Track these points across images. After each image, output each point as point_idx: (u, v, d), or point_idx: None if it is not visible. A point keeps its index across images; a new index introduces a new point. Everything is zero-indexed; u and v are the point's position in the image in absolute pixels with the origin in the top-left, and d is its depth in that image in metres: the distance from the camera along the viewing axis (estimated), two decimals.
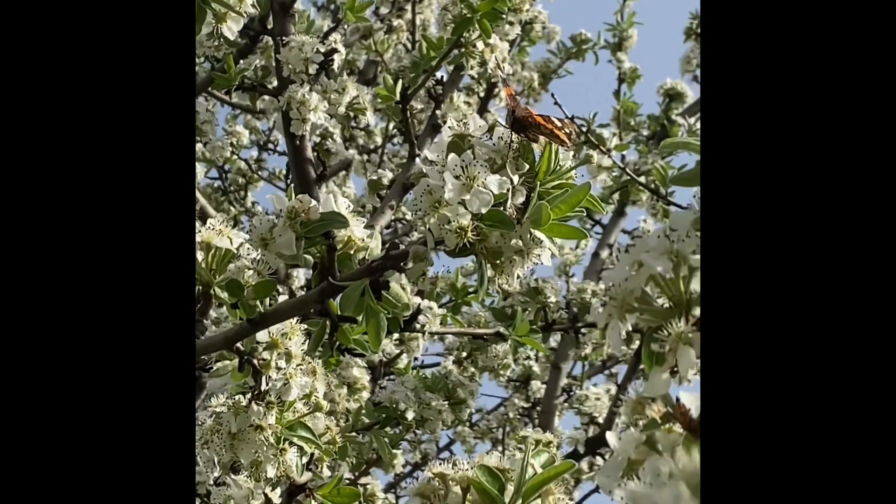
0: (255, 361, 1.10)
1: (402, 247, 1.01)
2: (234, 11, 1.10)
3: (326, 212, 1.01)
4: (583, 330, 2.53)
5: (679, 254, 0.73)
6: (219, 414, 1.17)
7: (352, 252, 1.03)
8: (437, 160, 0.96)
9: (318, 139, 2.77)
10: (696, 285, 0.74)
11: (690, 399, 0.72)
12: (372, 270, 1.01)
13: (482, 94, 2.52)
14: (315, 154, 2.43)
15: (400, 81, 2.31)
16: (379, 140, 3.22)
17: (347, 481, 1.53)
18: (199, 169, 2.83)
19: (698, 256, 0.73)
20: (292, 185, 1.93)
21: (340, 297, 1.01)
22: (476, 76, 2.30)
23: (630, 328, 0.77)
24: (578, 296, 2.51)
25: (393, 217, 2.26)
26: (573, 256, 3.08)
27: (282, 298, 1.49)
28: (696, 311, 0.73)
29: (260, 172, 3.56)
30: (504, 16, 2.18)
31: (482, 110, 2.38)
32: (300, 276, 2.40)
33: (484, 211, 0.93)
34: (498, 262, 0.96)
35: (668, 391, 0.72)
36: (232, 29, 1.13)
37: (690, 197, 0.78)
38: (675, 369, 0.73)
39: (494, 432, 3.05)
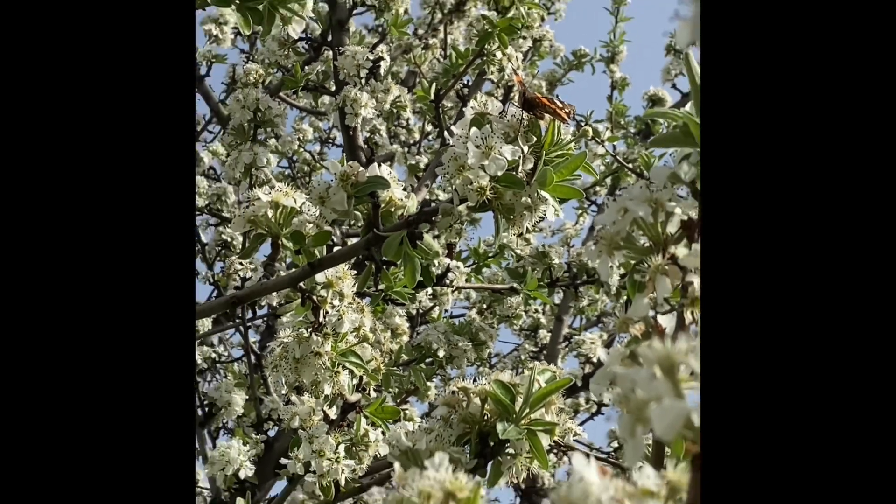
0: (315, 298, 1.10)
1: (433, 204, 1.01)
2: (297, 16, 1.09)
3: (372, 176, 1.01)
4: (581, 287, 2.55)
5: (657, 201, 0.73)
6: (286, 344, 1.17)
7: (392, 209, 1.03)
8: (462, 133, 0.96)
9: (367, 134, 2.77)
10: (671, 227, 0.73)
11: (666, 319, 0.72)
12: (409, 223, 1.01)
13: (500, 98, 2.51)
14: (366, 144, 2.44)
15: (433, 85, 2.31)
16: (417, 136, 3.21)
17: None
18: (273, 159, 2.83)
19: (674, 203, 0.72)
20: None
21: (383, 244, 1.01)
22: (495, 81, 2.30)
23: (617, 265, 0.77)
24: (577, 260, 2.51)
25: (427, 195, 2.27)
26: (573, 230, 3.07)
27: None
28: (672, 249, 0.73)
29: (322, 162, 3.56)
30: (518, 31, 2.18)
31: (502, 112, 2.38)
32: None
33: (500, 174, 0.93)
34: (511, 216, 0.96)
35: (647, 313, 0.72)
36: (296, 30, 1.12)
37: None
38: (654, 295, 0.73)
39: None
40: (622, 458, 0.46)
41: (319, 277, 1.09)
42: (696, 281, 0.71)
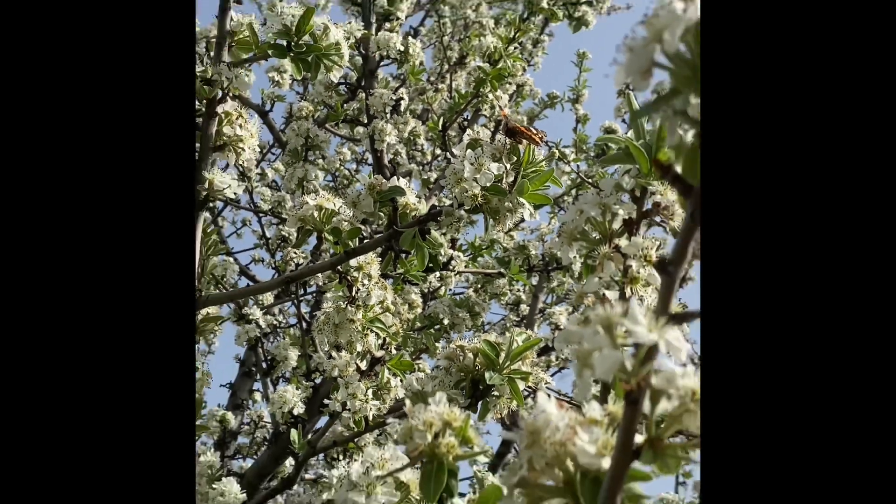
0: (349, 278, 1.10)
1: (438, 208, 1.01)
2: (337, 65, 1.08)
3: (392, 186, 1.01)
4: (552, 272, 2.54)
5: (605, 205, 0.73)
6: (328, 313, 1.17)
7: (408, 211, 1.03)
8: (460, 154, 0.96)
9: (391, 156, 2.77)
10: (616, 224, 0.73)
11: (611, 293, 0.72)
12: (420, 222, 1.01)
13: (491, 128, 2.52)
14: (390, 164, 2.44)
15: (441, 119, 2.31)
16: (429, 158, 3.21)
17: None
18: (320, 174, 2.82)
19: (618, 206, 0.72)
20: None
21: (401, 238, 1.01)
22: (488, 115, 2.30)
23: (576, 253, 0.77)
24: (549, 251, 2.50)
25: (436, 201, 2.27)
26: (546, 229, 3.06)
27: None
28: (616, 240, 0.73)
29: (356, 176, 3.56)
30: (505, 78, 2.18)
31: (491, 138, 2.40)
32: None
33: (488, 185, 0.93)
34: (496, 217, 0.96)
35: (597, 289, 0.72)
36: (336, 76, 1.11)
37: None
38: (602, 277, 0.73)
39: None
40: (578, 395, 0.45)
41: (353, 262, 1.08)
42: (634, 265, 0.71)
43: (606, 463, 0.45)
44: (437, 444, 0.61)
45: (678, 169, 0.44)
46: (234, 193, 1.08)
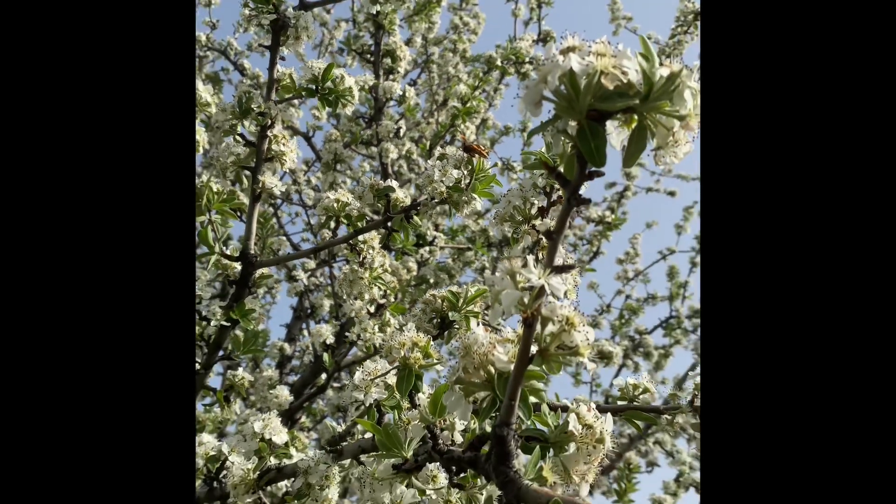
0: (358, 248, 1.10)
1: (417, 200, 1.01)
2: (350, 102, 1.07)
3: (386, 185, 1.01)
4: (504, 247, 2.53)
5: (525, 197, 0.73)
6: (345, 273, 1.17)
7: (397, 203, 1.02)
8: (431, 164, 0.96)
9: (395, 167, 2.75)
10: (533, 210, 0.73)
11: (529, 258, 0.72)
12: (405, 210, 1.00)
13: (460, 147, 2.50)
14: (394, 173, 2.42)
15: (429, 142, 2.30)
16: (421, 169, 3.19)
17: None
18: (348, 180, 2.78)
19: (534, 197, 0.72)
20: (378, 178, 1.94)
21: (392, 221, 1.01)
22: (461, 139, 2.29)
23: (507, 230, 0.76)
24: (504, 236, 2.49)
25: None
26: None
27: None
28: (533, 221, 0.73)
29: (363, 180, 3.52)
30: (472, 114, 2.16)
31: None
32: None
33: (451, 184, 0.93)
34: (458, 207, 0.95)
35: (520, 254, 0.73)
36: (349, 110, 1.10)
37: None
38: (522, 245, 0.73)
39: None
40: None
41: (361, 237, 1.08)
42: (543, 238, 0.72)
43: (512, 367, 0.46)
44: (407, 357, 0.62)
45: (560, 169, 0.44)
46: (280, 191, 1.08)
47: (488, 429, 0.51)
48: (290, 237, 2.92)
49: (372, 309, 1.40)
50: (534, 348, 0.44)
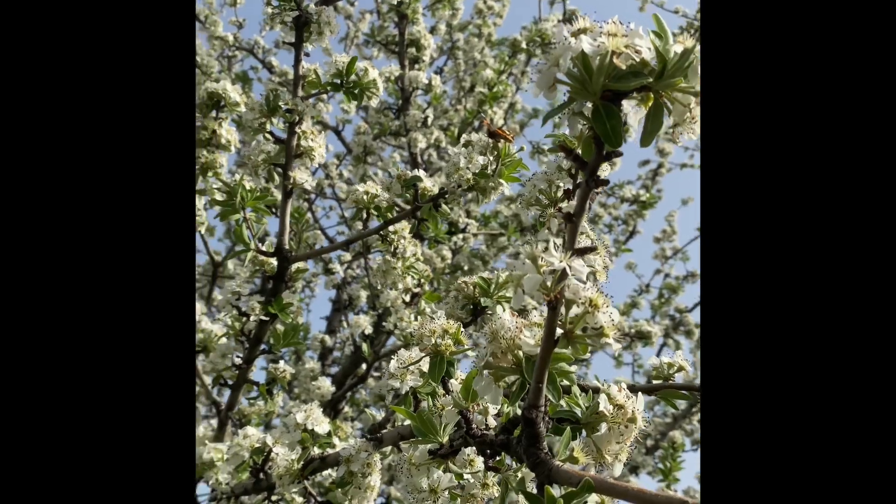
0: (390, 238, 1.11)
1: (444, 189, 1.01)
2: (375, 95, 1.08)
3: (413, 175, 1.01)
4: (538, 232, 2.52)
5: (550, 180, 0.72)
6: (378, 263, 1.18)
7: (425, 192, 1.03)
8: (457, 151, 0.96)
9: (424, 156, 2.75)
10: (559, 193, 0.73)
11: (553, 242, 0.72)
12: (433, 198, 1.01)
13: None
14: (423, 162, 2.43)
15: (457, 129, 2.30)
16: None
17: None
18: (379, 172, 2.79)
19: (560, 181, 0.72)
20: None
21: (421, 210, 1.01)
22: (482, 125, 2.28)
23: (534, 213, 0.76)
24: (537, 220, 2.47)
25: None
26: None
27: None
28: (559, 204, 0.73)
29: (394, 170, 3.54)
30: (499, 99, 2.15)
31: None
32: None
33: (477, 171, 0.93)
34: (484, 193, 0.96)
35: (547, 237, 0.72)
36: (374, 102, 1.11)
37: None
38: (549, 229, 0.73)
39: None
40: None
41: (391, 227, 1.09)
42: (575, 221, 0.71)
43: (539, 350, 0.47)
44: (438, 344, 0.63)
45: (578, 151, 0.44)
46: (310, 186, 1.10)
47: (519, 412, 0.51)
48: (324, 231, 2.96)
49: (407, 298, 1.41)
50: (559, 331, 0.45)
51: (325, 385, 1.61)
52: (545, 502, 0.42)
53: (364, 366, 2.02)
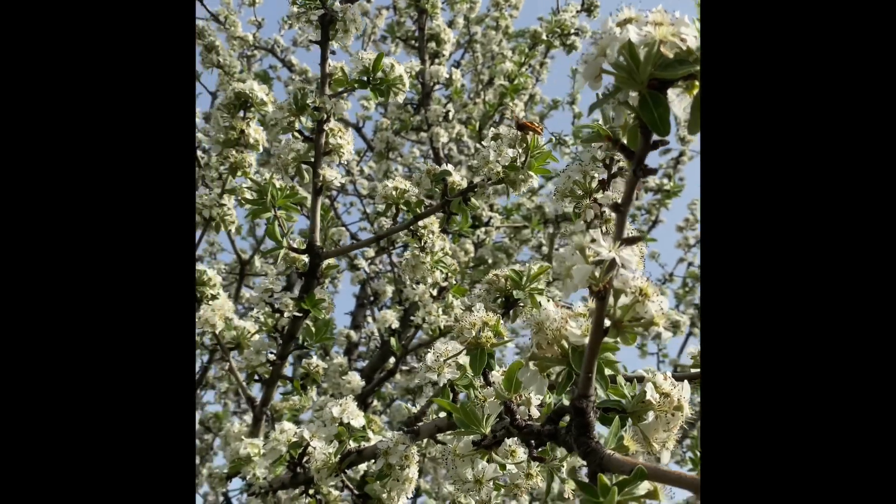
0: (419, 234, 1.11)
1: (474, 182, 1.01)
2: (402, 91, 1.08)
3: (443, 170, 1.02)
4: (561, 223, 2.51)
5: (585, 171, 0.73)
6: (407, 258, 1.19)
7: (454, 186, 1.03)
8: (486, 144, 0.96)
9: (445, 151, 2.75)
10: (594, 184, 0.73)
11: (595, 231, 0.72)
12: (463, 192, 1.01)
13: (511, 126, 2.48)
14: (445, 156, 2.43)
15: (478, 122, 2.29)
16: (471, 150, 3.18)
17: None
18: (399, 167, 2.80)
19: (594, 171, 0.72)
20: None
21: (451, 204, 1.02)
22: (509, 117, 2.27)
23: (567, 204, 0.76)
24: (561, 212, 2.47)
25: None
26: None
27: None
28: (594, 195, 0.73)
29: (418, 165, 3.54)
30: (520, 91, 2.15)
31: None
32: None
33: (507, 164, 0.93)
34: (514, 186, 0.96)
35: (583, 228, 0.73)
36: (401, 98, 1.11)
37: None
38: (585, 220, 0.73)
39: None
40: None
41: (421, 223, 1.10)
42: (607, 210, 0.71)
43: (586, 340, 0.47)
44: (479, 336, 0.63)
45: (624, 140, 0.44)
46: (340, 183, 1.10)
47: (565, 402, 0.52)
48: (347, 227, 2.98)
49: (434, 292, 1.42)
50: (607, 321, 0.45)
51: (356, 379, 1.62)
52: (598, 490, 0.42)
53: (392, 360, 2.04)
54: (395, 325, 1.87)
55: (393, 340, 1.66)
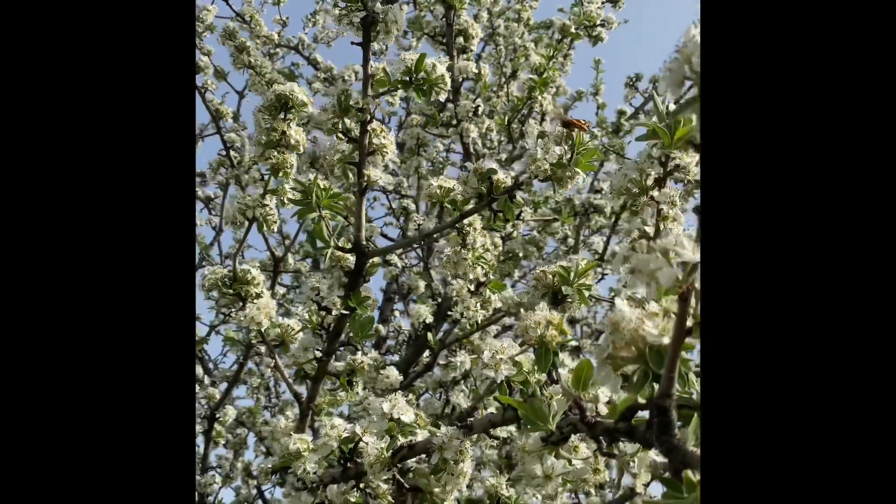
0: (462, 231, 1.12)
1: (519, 180, 1.02)
2: (444, 90, 1.09)
3: (489, 168, 1.02)
4: (590, 215, 2.50)
5: (641, 169, 0.73)
6: (448, 255, 1.20)
7: (499, 184, 1.04)
8: (533, 143, 0.97)
9: (474, 146, 2.75)
10: (649, 182, 0.73)
11: (650, 230, 0.73)
12: (508, 190, 1.02)
13: (539, 120, 2.47)
14: (474, 152, 2.43)
15: (506, 117, 2.29)
16: (496, 144, 3.17)
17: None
18: (424, 163, 2.81)
19: (650, 169, 0.72)
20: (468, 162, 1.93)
21: (497, 202, 1.02)
22: (538, 112, 2.26)
23: (620, 203, 0.77)
24: (588, 201, 2.46)
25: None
26: (581, 185, 3.00)
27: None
28: (650, 192, 0.73)
29: (447, 162, 3.54)
30: (550, 84, 2.14)
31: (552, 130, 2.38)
32: None
33: (554, 161, 0.94)
34: (560, 182, 0.96)
35: (640, 226, 0.73)
36: (443, 97, 1.12)
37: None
38: (643, 217, 0.73)
39: None
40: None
41: (465, 221, 1.10)
42: (664, 207, 0.72)
43: (664, 340, 0.48)
44: (544, 335, 0.64)
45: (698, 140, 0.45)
46: (384, 182, 1.11)
47: (640, 400, 0.53)
48: (372, 222, 3.00)
49: (472, 287, 1.43)
50: (689, 321, 0.45)
51: (394, 374, 1.63)
52: (684, 487, 0.43)
53: (426, 354, 2.05)
54: (429, 319, 1.89)
55: (430, 336, 1.67)
